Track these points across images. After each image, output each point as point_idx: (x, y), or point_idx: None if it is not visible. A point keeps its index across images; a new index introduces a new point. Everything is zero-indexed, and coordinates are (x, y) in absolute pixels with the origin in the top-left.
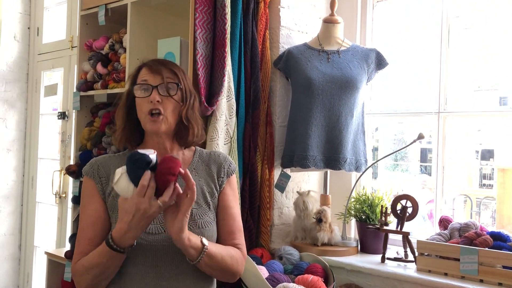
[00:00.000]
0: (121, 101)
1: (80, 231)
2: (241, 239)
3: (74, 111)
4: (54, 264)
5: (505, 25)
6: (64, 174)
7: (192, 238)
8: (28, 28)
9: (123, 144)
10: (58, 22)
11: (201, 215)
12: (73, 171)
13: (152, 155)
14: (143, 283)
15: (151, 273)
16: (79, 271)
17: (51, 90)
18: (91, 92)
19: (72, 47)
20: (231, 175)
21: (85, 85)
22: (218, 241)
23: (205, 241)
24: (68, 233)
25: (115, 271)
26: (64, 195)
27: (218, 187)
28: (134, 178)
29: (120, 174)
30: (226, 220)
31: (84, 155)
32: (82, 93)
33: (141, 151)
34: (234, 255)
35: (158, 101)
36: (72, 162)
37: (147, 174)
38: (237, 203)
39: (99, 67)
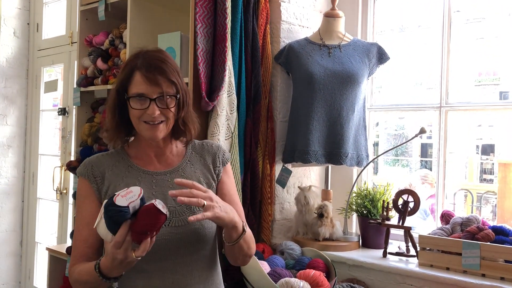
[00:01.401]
0: (110, 101)
1: (76, 232)
2: (245, 221)
3: (74, 107)
4: (56, 260)
5: (506, 20)
6: (65, 170)
7: (238, 224)
8: (28, 24)
9: (116, 143)
10: (58, 18)
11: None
12: (74, 167)
13: (133, 202)
14: (160, 279)
15: (168, 269)
16: (73, 278)
17: (51, 86)
18: (91, 88)
19: (72, 43)
20: (226, 163)
21: (85, 80)
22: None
23: (246, 227)
24: (69, 229)
25: None
26: (65, 191)
27: (215, 178)
28: (109, 226)
29: (100, 218)
30: (231, 204)
31: (84, 151)
32: (83, 89)
33: (120, 199)
34: (252, 238)
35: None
36: (72, 158)
37: (123, 229)
38: (235, 189)
39: (99, 63)
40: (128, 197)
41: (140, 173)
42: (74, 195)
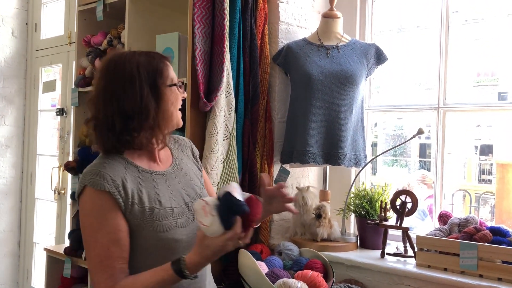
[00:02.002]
0: (159, 98)
1: (102, 251)
2: None
3: (72, 107)
4: (54, 261)
5: (505, 21)
6: (63, 171)
7: None
8: (26, 24)
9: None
10: (56, 18)
11: (204, 196)
12: (72, 167)
13: (240, 196)
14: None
15: None
16: None
17: (50, 86)
18: (89, 88)
19: (70, 43)
20: (198, 153)
21: (83, 81)
22: None
23: None
24: (67, 229)
25: None
26: (63, 192)
27: (200, 168)
28: (225, 221)
29: (212, 216)
30: (212, 194)
31: (82, 151)
32: (81, 89)
33: (233, 192)
34: None
35: None
36: (71, 159)
37: (239, 221)
38: None
39: (98, 63)
40: (235, 191)
41: (153, 176)
42: (72, 196)
